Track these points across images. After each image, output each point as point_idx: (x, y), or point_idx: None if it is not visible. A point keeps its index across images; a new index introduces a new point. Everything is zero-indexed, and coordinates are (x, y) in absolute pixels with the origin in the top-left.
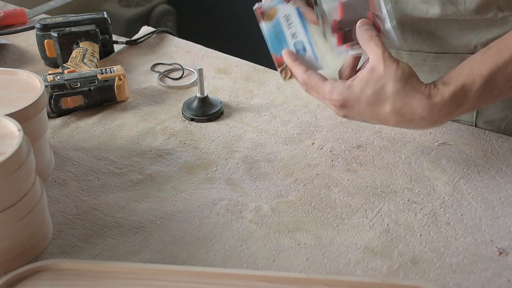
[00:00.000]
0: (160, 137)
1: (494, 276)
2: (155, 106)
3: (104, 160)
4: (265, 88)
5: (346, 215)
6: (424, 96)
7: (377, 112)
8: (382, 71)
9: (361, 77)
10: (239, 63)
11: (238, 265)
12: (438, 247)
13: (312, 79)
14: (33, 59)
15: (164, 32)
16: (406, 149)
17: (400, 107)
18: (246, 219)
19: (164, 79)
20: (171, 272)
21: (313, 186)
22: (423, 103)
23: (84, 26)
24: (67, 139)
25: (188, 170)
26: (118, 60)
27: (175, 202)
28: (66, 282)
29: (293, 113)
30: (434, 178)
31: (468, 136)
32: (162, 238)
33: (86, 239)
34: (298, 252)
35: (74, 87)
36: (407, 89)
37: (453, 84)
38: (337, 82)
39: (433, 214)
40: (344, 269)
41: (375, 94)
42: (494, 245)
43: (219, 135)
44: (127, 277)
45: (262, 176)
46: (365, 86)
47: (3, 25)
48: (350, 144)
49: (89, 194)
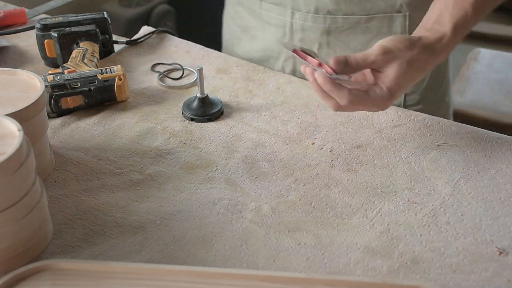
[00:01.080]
0: (160, 137)
1: (494, 276)
2: (155, 106)
3: (104, 160)
4: (265, 88)
5: (346, 215)
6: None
7: (419, 78)
8: (394, 59)
9: (388, 77)
10: (239, 63)
11: (238, 265)
12: (438, 247)
13: (358, 96)
14: (33, 59)
15: (164, 32)
16: (406, 149)
17: (428, 63)
18: (246, 219)
19: (164, 79)
20: (171, 272)
21: (313, 186)
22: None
23: (84, 26)
24: (67, 139)
25: (188, 170)
26: (118, 60)
27: (175, 202)
28: (66, 282)
29: (293, 113)
30: (434, 178)
31: (468, 136)
32: (162, 238)
33: (86, 239)
34: (298, 252)
35: (74, 87)
36: (421, 49)
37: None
38: (378, 91)
39: (433, 214)
40: (344, 269)
41: (408, 73)
42: (494, 245)
43: (219, 135)
44: (127, 277)
45: (262, 176)
46: (398, 78)
47: (3, 25)
48: (350, 144)
49: (89, 194)
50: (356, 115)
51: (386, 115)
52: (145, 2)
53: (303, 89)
